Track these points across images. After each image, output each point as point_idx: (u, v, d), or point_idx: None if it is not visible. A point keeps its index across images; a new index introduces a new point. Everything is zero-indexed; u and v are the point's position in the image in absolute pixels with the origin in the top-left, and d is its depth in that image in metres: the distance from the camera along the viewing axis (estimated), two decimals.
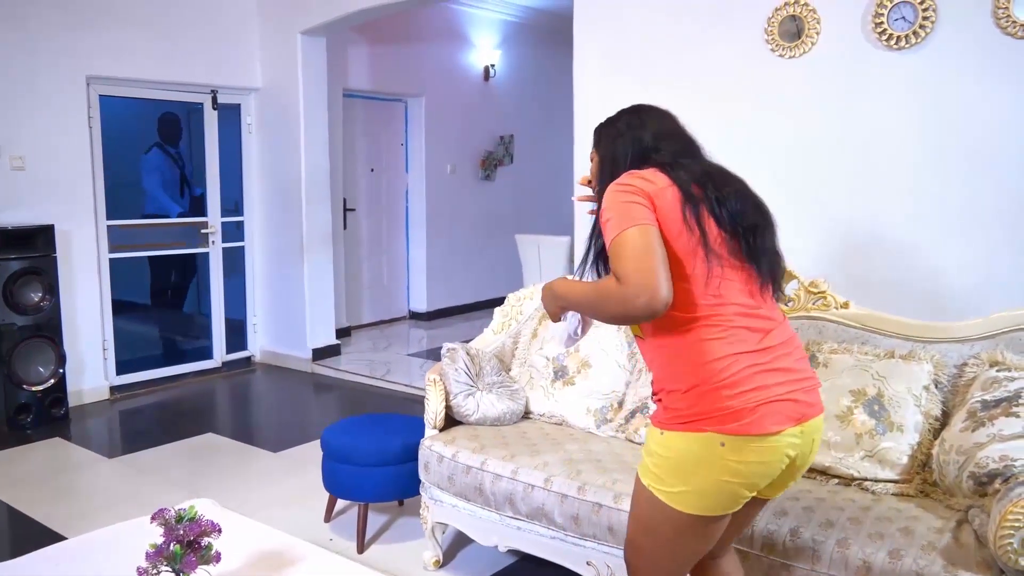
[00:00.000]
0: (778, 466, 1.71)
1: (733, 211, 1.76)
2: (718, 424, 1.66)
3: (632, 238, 1.64)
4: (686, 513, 1.73)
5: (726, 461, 1.67)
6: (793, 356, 1.77)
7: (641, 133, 1.87)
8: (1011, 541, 1.92)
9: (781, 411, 1.68)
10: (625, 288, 1.62)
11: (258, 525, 2.29)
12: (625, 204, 1.70)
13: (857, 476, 2.52)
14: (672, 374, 1.74)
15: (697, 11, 4.09)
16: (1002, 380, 2.43)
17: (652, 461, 1.77)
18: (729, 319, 1.71)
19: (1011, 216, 3.37)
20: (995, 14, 3.32)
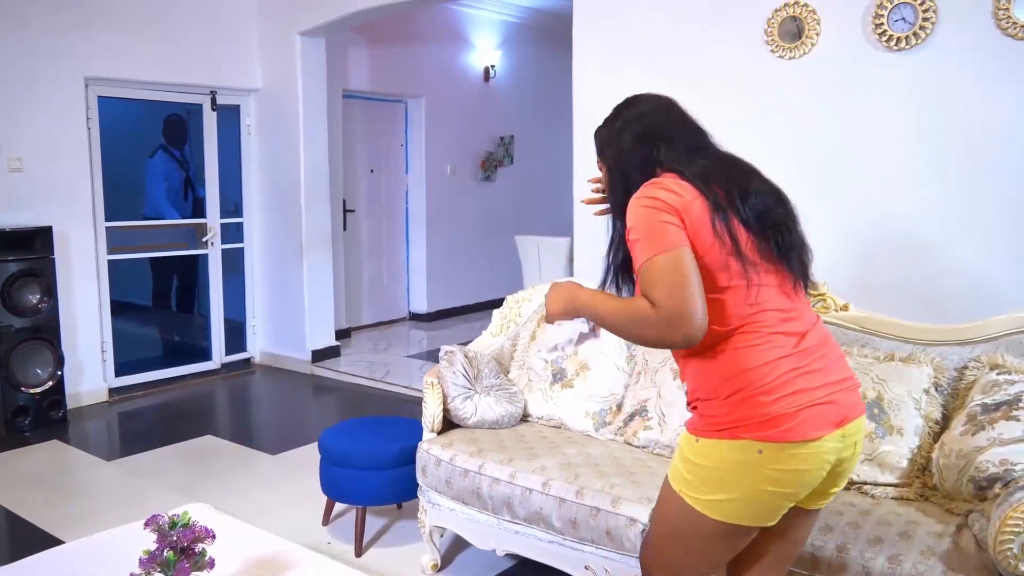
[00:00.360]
0: (819, 473, 1.65)
1: (759, 210, 1.70)
2: (756, 430, 1.61)
3: (667, 264, 1.58)
4: (719, 521, 1.68)
5: (765, 469, 1.62)
6: (830, 357, 1.71)
7: (647, 138, 1.79)
8: (1011, 546, 1.90)
9: (822, 415, 1.63)
10: (661, 317, 1.57)
11: (254, 530, 2.27)
12: (656, 224, 1.62)
13: (856, 480, 2.51)
14: (709, 383, 1.69)
15: (697, 11, 4.08)
16: (1002, 383, 2.42)
17: (686, 468, 1.72)
18: (767, 325, 1.66)
19: (1012, 218, 3.36)
20: (995, 15, 3.31)
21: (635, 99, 1.88)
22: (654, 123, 1.81)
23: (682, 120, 1.84)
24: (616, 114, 1.88)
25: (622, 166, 1.81)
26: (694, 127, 1.84)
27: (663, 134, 1.78)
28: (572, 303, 1.80)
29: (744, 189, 1.70)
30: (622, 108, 1.88)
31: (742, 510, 1.66)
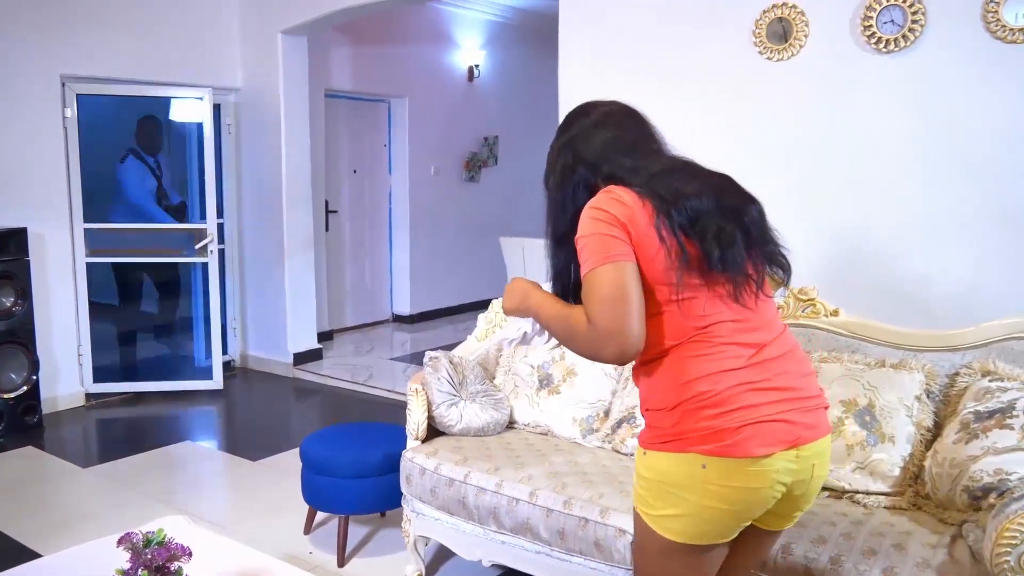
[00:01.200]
0: (770, 493, 1.57)
1: (707, 215, 1.58)
2: (699, 444, 1.54)
3: (606, 278, 1.54)
4: (670, 540, 1.61)
5: (708, 485, 1.55)
6: (792, 373, 1.63)
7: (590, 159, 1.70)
8: (1007, 559, 1.87)
9: (771, 432, 1.54)
10: (595, 334, 1.54)
11: (232, 543, 2.21)
12: (601, 236, 1.57)
13: (848, 488, 2.47)
14: (656, 392, 1.63)
15: (684, 12, 4.04)
16: (994, 390, 2.39)
17: (639, 483, 1.67)
18: (719, 335, 1.58)
19: (1001, 223, 3.34)
20: (985, 18, 3.29)
21: (578, 112, 1.80)
22: (596, 138, 1.72)
23: (625, 127, 1.75)
24: (561, 132, 1.80)
25: (557, 192, 1.75)
26: (637, 139, 1.74)
27: (605, 147, 1.71)
28: (524, 302, 1.77)
29: (689, 193, 1.59)
30: (564, 128, 1.80)
31: (690, 527, 1.60)
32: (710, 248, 1.57)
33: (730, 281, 1.59)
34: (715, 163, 1.78)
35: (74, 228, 5.22)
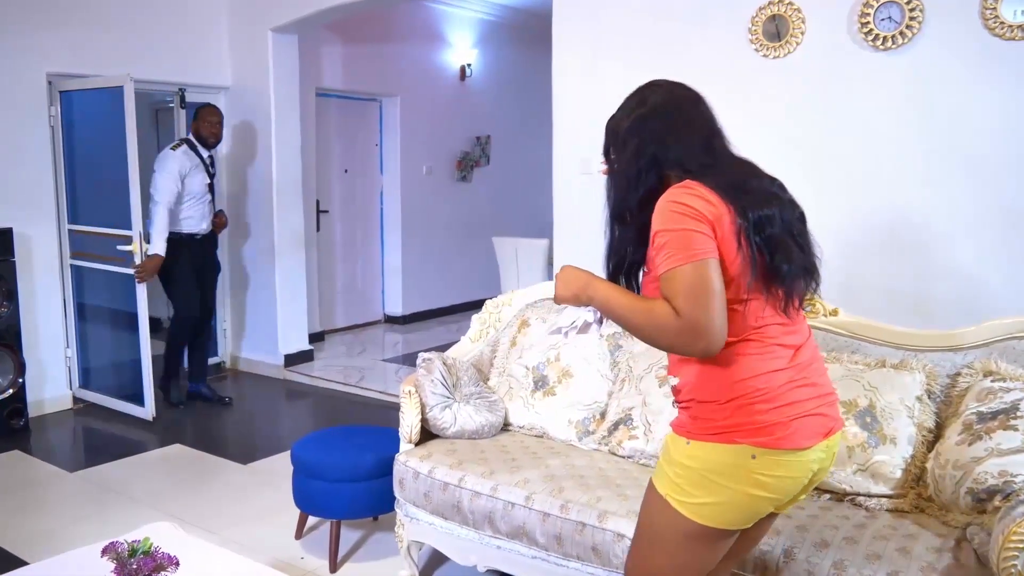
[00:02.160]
0: (803, 481, 1.68)
1: (782, 227, 1.67)
2: (753, 436, 1.62)
3: (695, 274, 1.57)
4: (702, 525, 1.67)
5: (755, 474, 1.63)
6: (819, 371, 1.75)
7: (664, 146, 1.70)
8: (1015, 563, 1.84)
9: (812, 426, 1.66)
10: (683, 327, 1.56)
11: (221, 551, 2.15)
12: (687, 231, 1.59)
13: (850, 491, 2.44)
14: (708, 386, 1.68)
15: (679, 9, 4.00)
16: (997, 391, 2.36)
17: (674, 471, 1.70)
18: (770, 336, 1.66)
19: (1000, 220, 3.31)
20: (983, 14, 3.26)
21: (652, 90, 1.78)
22: (671, 125, 1.73)
23: (700, 124, 1.76)
24: (631, 106, 1.78)
25: (631, 170, 1.73)
26: (710, 131, 1.76)
27: (680, 137, 1.71)
28: (585, 292, 1.74)
29: (760, 202, 1.66)
30: (638, 98, 1.78)
31: (725, 514, 1.67)
32: (776, 259, 1.64)
33: (784, 290, 1.67)
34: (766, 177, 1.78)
35: (61, 229, 5.15)
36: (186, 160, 4.95)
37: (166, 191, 4.84)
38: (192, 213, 5.03)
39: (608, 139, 1.81)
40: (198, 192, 5.01)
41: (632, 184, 1.72)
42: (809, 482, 1.70)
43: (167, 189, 4.84)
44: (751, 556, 2.16)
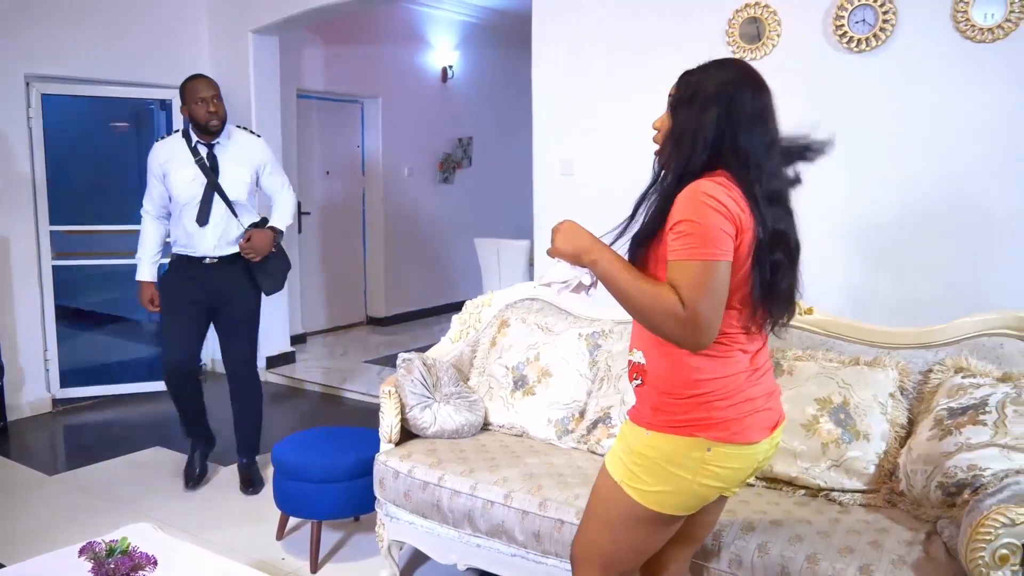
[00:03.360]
0: (750, 471, 1.79)
1: (782, 257, 1.72)
2: (709, 430, 1.70)
3: (712, 273, 1.59)
4: (653, 510, 1.76)
5: (709, 465, 1.72)
6: (767, 370, 1.83)
7: (732, 130, 1.68)
8: (982, 555, 1.87)
9: (761, 421, 1.76)
10: (687, 320, 1.59)
11: (200, 551, 2.15)
12: (714, 228, 1.60)
13: (824, 486, 2.47)
14: (672, 379, 1.74)
15: (658, 11, 4.03)
16: (967, 387, 2.40)
17: (631, 459, 1.77)
18: (737, 342, 1.73)
19: (972, 222, 3.36)
20: (954, 17, 3.31)
21: (735, 67, 1.75)
22: (744, 111, 1.70)
23: (766, 120, 1.74)
24: (712, 71, 1.74)
25: (696, 135, 1.69)
26: (772, 129, 1.75)
27: (746, 129, 1.69)
28: (589, 254, 1.71)
29: (784, 222, 1.73)
30: (721, 68, 1.74)
31: (676, 501, 1.76)
32: (775, 280, 1.71)
33: (768, 309, 1.73)
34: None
35: (40, 230, 5.12)
36: (161, 152, 3.69)
37: (146, 196, 3.78)
38: (180, 226, 3.67)
39: (681, 94, 1.75)
40: (185, 197, 3.62)
41: (699, 148, 1.68)
42: (753, 471, 1.82)
43: (146, 193, 3.78)
44: (725, 552, 2.19)
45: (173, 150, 3.67)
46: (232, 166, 3.69)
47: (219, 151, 3.69)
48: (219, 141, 3.68)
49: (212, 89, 3.64)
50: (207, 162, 3.65)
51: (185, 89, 3.66)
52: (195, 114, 3.62)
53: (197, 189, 3.62)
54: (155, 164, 3.69)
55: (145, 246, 3.79)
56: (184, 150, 3.65)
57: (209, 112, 3.60)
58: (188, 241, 3.68)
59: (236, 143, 3.76)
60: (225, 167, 3.67)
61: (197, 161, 3.63)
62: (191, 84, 3.65)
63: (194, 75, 3.73)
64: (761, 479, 2.56)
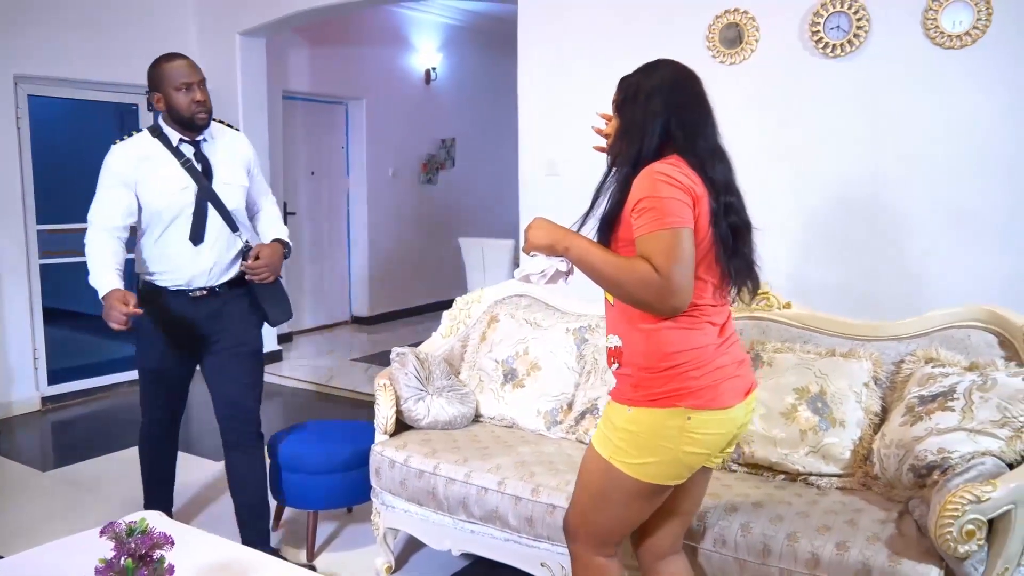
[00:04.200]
0: (729, 436, 1.92)
1: (737, 225, 1.89)
2: (687, 399, 1.83)
3: (677, 239, 1.74)
4: (644, 482, 1.88)
5: (690, 433, 1.84)
6: (736, 343, 1.99)
7: (674, 117, 1.86)
8: (950, 530, 1.99)
9: (735, 387, 1.89)
10: (662, 285, 1.73)
11: (208, 536, 2.24)
12: (671, 200, 1.76)
13: (802, 471, 2.59)
14: (649, 354, 1.86)
15: (640, 16, 4.15)
16: (937, 376, 2.53)
17: (617, 436, 1.90)
18: (704, 315, 1.87)
19: (942, 221, 3.51)
20: (924, 25, 3.46)
21: (667, 63, 1.94)
22: (681, 99, 1.88)
23: (702, 104, 1.91)
24: (649, 71, 1.93)
25: (643, 126, 1.87)
26: (708, 112, 1.92)
27: (684, 114, 1.87)
28: (563, 243, 1.88)
29: (730, 203, 1.89)
30: (655, 68, 1.93)
31: (666, 470, 1.88)
32: (736, 246, 1.88)
33: (729, 277, 1.89)
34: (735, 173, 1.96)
35: (27, 229, 5.15)
36: (130, 155, 2.82)
37: (95, 209, 2.82)
38: (158, 250, 2.88)
39: (624, 94, 1.94)
40: (173, 209, 2.83)
41: (648, 137, 1.85)
42: (733, 437, 1.94)
43: (96, 206, 2.82)
44: (710, 531, 2.31)
45: (146, 152, 2.83)
46: (226, 168, 2.95)
47: (207, 150, 2.91)
48: (204, 138, 2.92)
49: (198, 73, 2.86)
50: (196, 164, 2.87)
51: (160, 72, 2.82)
52: (176, 104, 2.80)
53: (188, 198, 2.82)
54: (122, 169, 2.80)
55: (102, 259, 2.74)
56: (162, 151, 2.83)
57: (196, 102, 2.81)
58: (170, 268, 2.86)
59: (222, 139, 3.00)
60: (218, 170, 2.91)
61: (184, 164, 2.84)
62: (169, 66, 2.82)
63: (169, 54, 2.88)
64: (743, 465, 2.69)
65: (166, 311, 2.90)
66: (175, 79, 2.80)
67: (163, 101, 2.83)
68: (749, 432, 2.66)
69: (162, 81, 2.81)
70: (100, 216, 2.80)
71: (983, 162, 3.42)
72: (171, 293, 2.90)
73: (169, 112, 2.84)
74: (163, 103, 2.83)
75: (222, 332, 2.98)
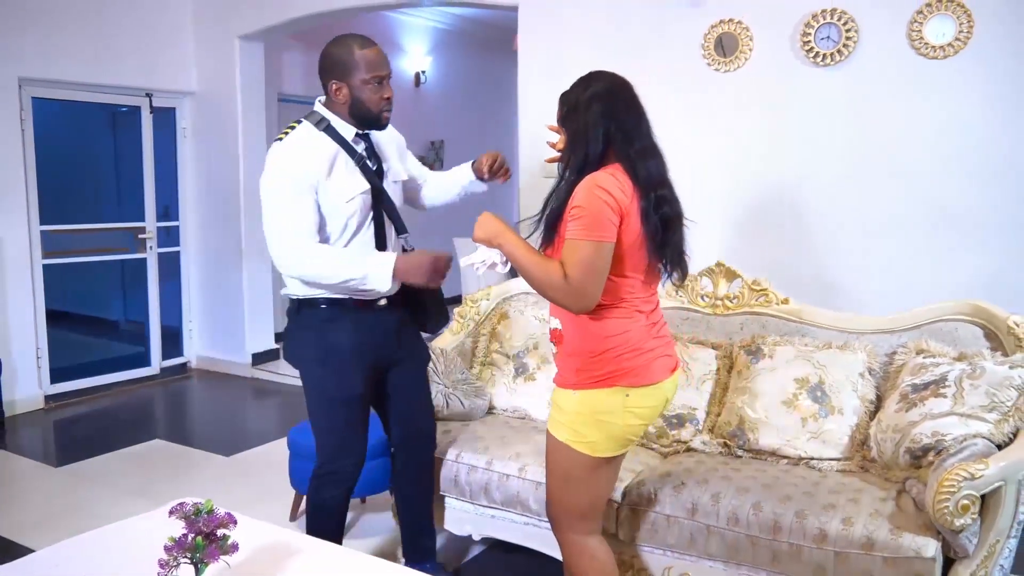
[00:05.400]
0: (661, 408, 2.20)
1: (668, 215, 2.09)
2: (623, 378, 2.09)
3: (592, 253, 1.97)
4: (599, 457, 2.14)
5: (630, 408, 2.11)
6: (663, 327, 2.23)
7: (609, 117, 2.06)
8: (947, 504, 2.17)
9: (663, 365, 2.16)
10: (568, 290, 1.98)
11: (252, 520, 2.35)
12: (599, 213, 1.97)
13: (804, 456, 2.77)
14: (587, 341, 2.10)
15: (637, 25, 4.30)
16: (928, 365, 2.71)
17: (568, 419, 2.15)
18: (634, 305, 2.12)
19: (928, 222, 3.71)
20: (909, 36, 3.65)
21: (611, 84, 2.12)
22: (616, 105, 2.09)
23: (636, 107, 2.12)
24: (585, 84, 2.13)
25: (587, 135, 2.07)
26: (642, 114, 2.13)
27: (621, 118, 2.08)
28: (497, 239, 2.14)
29: (662, 196, 2.08)
30: (590, 81, 2.14)
31: (615, 442, 2.15)
32: (667, 234, 2.09)
33: (658, 268, 2.14)
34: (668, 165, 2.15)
35: (31, 230, 5.21)
36: (311, 156, 2.42)
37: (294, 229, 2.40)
38: None
39: (567, 107, 2.15)
40: (358, 217, 2.53)
41: (592, 143, 2.06)
42: (663, 408, 2.22)
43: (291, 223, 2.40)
44: (723, 510, 2.47)
45: (322, 150, 2.44)
46: (394, 163, 2.71)
47: (376, 144, 2.61)
48: (374, 142, 2.60)
49: (388, 66, 2.52)
50: (370, 163, 2.55)
51: (350, 59, 2.44)
52: (365, 97, 2.46)
53: (368, 201, 2.54)
54: (306, 173, 2.40)
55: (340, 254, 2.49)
56: (335, 148, 2.46)
57: (386, 99, 2.50)
58: None
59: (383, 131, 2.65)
60: (388, 166, 2.66)
61: (358, 162, 2.51)
62: (362, 54, 2.44)
63: (360, 38, 2.51)
64: (748, 451, 2.85)
65: (356, 326, 2.53)
66: (368, 70, 2.44)
67: (345, 91, 2.45)
68: (753, 420, 2.84)
69: (351, 70, 2.43)
70: (299, 230, 2.39)
71: (966, 166, 3.62)
72: (358, 307, 2.53)
73: (351, 105, 2.47)
74: (344, 93, 2.46)
75: (404, 345, 2.68)
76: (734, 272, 3.23)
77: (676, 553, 2.57)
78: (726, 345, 3.15)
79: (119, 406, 5.40)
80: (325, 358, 2.51)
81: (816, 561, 2.33)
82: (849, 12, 3.75)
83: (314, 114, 2.52)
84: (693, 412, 3.01)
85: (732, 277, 3.25)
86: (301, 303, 2.55)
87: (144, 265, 5.98)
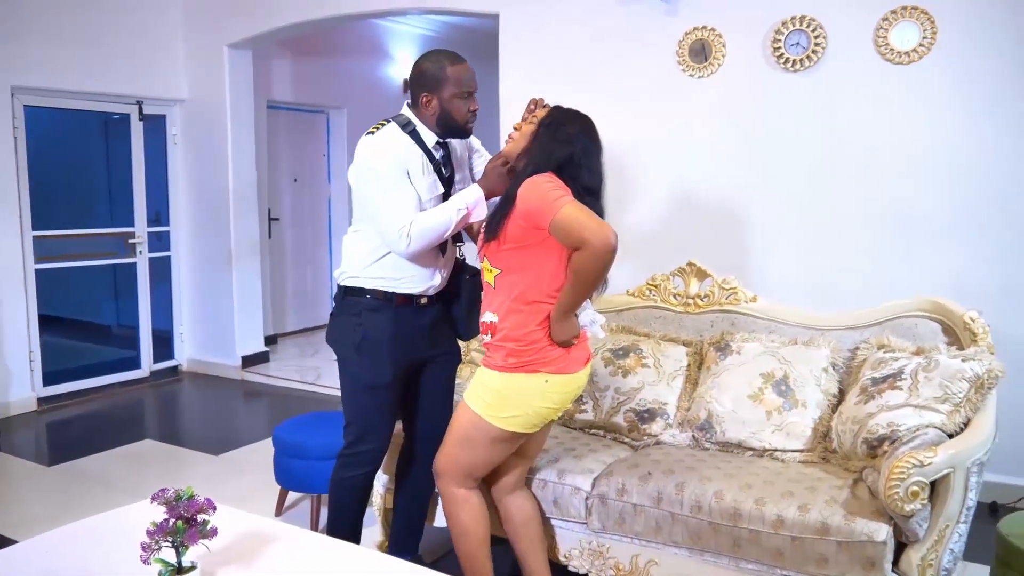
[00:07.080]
0: (575, 395, 2.50)
1: None
2: (545, 367, 2.38)
3: (575, 207, 2.26)
4: (507, 431, 2.43)
5: (548, 393, 2.41)
6: None
7: (583, 160, 2.38)
8: (898, 491, 2.26)
9: (578, 357, 2.45)
10: (597, 236, 2.20)
11: (234, 510, 2.45)
12: (558, 187, 2.30)
13: (768, 447, 2.87)
14: (518, 332, 2.37)
15: (612, 33, 4.41)
16: (888, 360, 2.82)
17: (489, 395, 2.44)
18: (553, 297, 2.38)
19: (896, 223, 3.82)
20: (876, 42, 3.77)
21: (593, 131, 2.45)
22: (591, 158, 2.41)
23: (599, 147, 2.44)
24: (576, 115, 2.45)
25: (551, 150, 2.37)
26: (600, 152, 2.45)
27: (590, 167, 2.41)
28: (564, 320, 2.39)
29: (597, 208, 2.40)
30: (584, 128, 2.44)
31: (527, 421, 2.44)
32: None
33: None
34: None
35: (24, 236, 5.30)
36: (399, 149, 2.58)
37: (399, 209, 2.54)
38: (418, 260, 2.63)
39: (552, 118, 2.43)
40: None
41: (553, 157, 2.36)
42: (575, 396, 2.50)
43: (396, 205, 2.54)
44: (688, 499, 2.57)
45: (408, 149, 2.60)
46: (458, 172, 2.81)
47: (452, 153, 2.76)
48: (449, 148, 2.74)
49: (475, 80, 2.64)
50: (444, 170, 2.70)
51: (443, 74, 2.58)
52: (454, 110, 2.60)
53: (437, 204, 2.63)
54: (401, 161, 2.56)
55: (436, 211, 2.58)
56: (416, 151, 2.61)
57: (471, 111, 2.63)
58: (415, 274, 2.65)
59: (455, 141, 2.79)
60: (458, 176, 2.79)
61: (435, 167, 2.65)
62: (454, 70, 2.59)
63: (452, 55, 2.62)
64: (715, 443, 2.95)
65: (401, 320, 2.66)
66: (461, 85, 2.59)
67: (435, 103, 2.59)
68: (720, 414, 2.94)
69: (443, 84, 2.57)
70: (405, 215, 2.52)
71: (928, 168, 3.74)
72: (400, 300, 2.66)
73: (439, 115, 2.61)
74: (434, 105, 2.60)
75: (438, 344, 2.80)
76: (705, 271, 3.34)
77: (643, 541, 2.67)
78: (696, 342, 3.26)
79: (111, 408, 5.49)
80: (361, 344, 2.66)
81: (774, 546, 2.43)
82: (818, 19, 3.87)
83: (401, 116, 2.66)
84: (664, 407, 3.11)
85: (703, 276, 3.36)
86: (347, 291, 2.70)
87: (135, 270, 6.08)
